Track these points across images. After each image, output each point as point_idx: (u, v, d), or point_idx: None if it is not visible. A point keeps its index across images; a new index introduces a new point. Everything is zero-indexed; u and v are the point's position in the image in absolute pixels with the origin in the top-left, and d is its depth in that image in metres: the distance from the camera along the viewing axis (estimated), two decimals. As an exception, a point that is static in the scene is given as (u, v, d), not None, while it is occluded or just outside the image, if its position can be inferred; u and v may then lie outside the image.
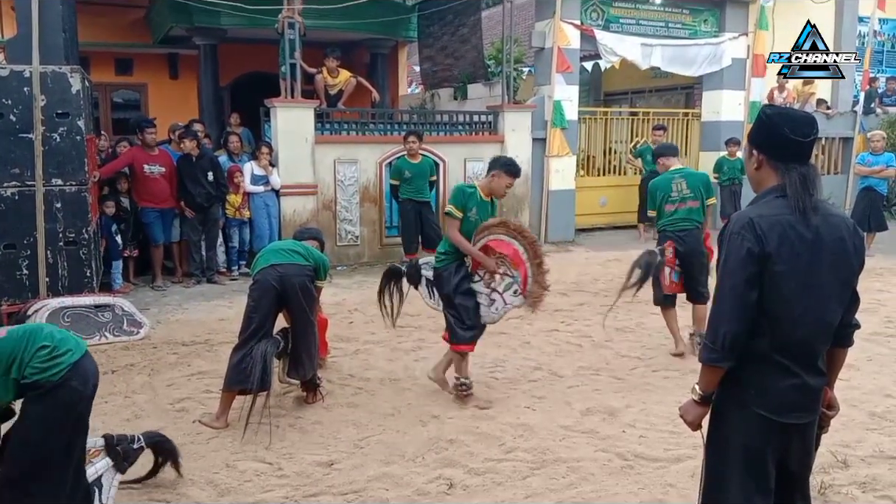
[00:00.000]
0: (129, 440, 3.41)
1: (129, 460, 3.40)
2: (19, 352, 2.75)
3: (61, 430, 2.80)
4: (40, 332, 2.87)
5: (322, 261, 4.83)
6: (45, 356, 2.77)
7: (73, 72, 6.47)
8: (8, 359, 2.73)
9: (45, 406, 2.75)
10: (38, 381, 2.73)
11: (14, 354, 2.74)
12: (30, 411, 2.76)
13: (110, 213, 7.82)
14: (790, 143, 2.29)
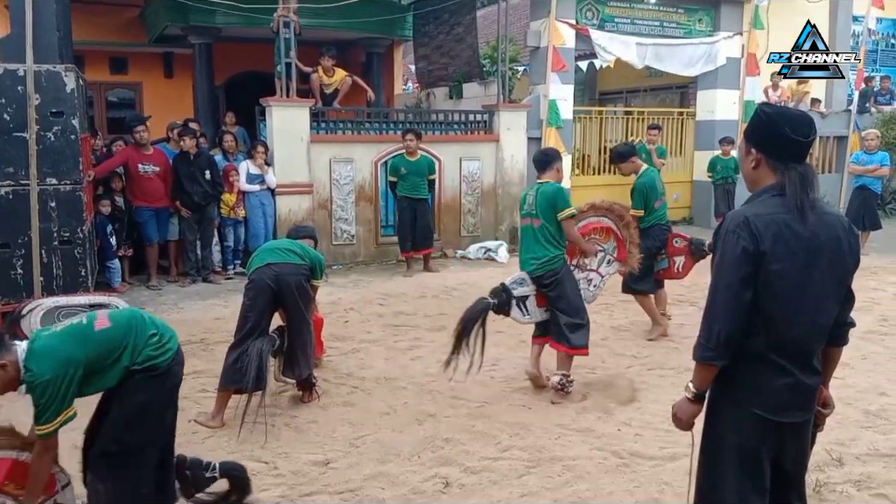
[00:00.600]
0: (203, 466, 3.32)
1: (198, 488, 3.31)
2: (130, 339, 2.90)
3: (162, 412, 3.00)
4: (143, 319, 3.03)
5: (318, 260, 4.83)
6: (156, 343, 2.96)
7: (68, 71, 6.46)
8: (119, 347, 2.87)
9: (154, 389, 2.93)
10: (149, 367, 2.90)
11: (125, 342, 2.89)
12: (138, 394, 2.90)
13: (106, 212, 7.81)
14: (790, 142, 2.29)
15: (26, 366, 2.76)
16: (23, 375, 2.77)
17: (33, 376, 2.74)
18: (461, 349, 4.70)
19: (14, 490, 2.87)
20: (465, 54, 12.18)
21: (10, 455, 2.89)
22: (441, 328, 6.67)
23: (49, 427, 2.78)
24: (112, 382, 2.91)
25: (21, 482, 2.89)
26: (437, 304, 7.52)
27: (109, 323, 2.94)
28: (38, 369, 2.73)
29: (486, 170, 10.53)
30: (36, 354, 2.76)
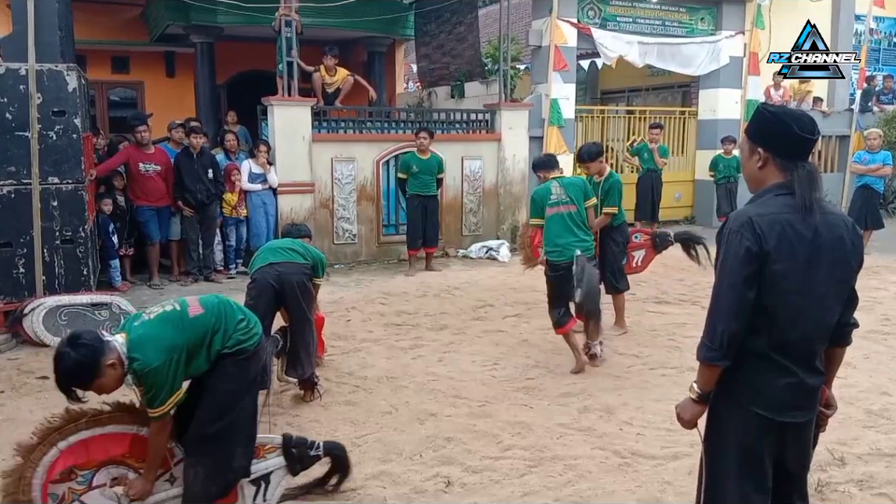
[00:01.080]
0: (308, 445, 3.43)
1: (304, 465, 3.43)
2: (221, 324, 3.06)
3: (251, 392, 3.15)
4: (231, 305, 3.19)
5: (320, 258, 4.84)
6: (244, 328, 3.12)
7: (70, 70, 6.46)
8: (211, 331, 3.02)
9: (244, 371, 3.09)
10: (239, 350, 3.06)
11: (217, 327, 3.04)
12: (230, 376, 3.05)
13: (108, 210, 7.82)
14: (799, 140, 2.28)
15: (131, 356, 2.83)
16: (128, 366, 2.84)
17: (142, 365, 2.82)
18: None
19: (134, 462, 3.06)
20: (467, 53, 12.18)
21: (129, 430, 3.06)
22: (443, 327, 6.68)
23: (162, 410, 2.89)
24: (205, 366, 3.04)
25: (140, 455, 3.05)
26: (438, 303, 7.52)
27: (202, 309, 3.07)
28: (144, 358, 2.82)
29: (487, 169, 10.53)
30: (138, 344, 2.85)
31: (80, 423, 2.97)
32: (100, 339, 2.83)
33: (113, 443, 3.05)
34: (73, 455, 2.95)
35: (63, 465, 2.92)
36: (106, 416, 3.02)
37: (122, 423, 3.05)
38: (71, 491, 2.95)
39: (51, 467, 2.88)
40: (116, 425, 3.04)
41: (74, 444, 2.95)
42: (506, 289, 8.18)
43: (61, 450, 2.92)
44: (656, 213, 11.48)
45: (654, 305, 7.43)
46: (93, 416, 2.98)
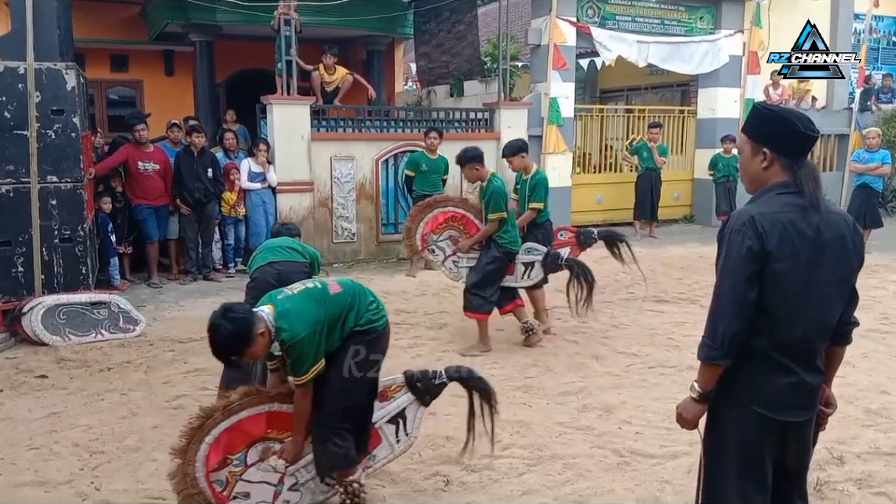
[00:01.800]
0: (431, 376, 3.57)
1: (431, 394, 3.59)
2: (356, 303, 3.32)
3: (378, 368, 3.39)
4: (363, 288, 3.45)
5: (315, 255, 4.86)
6: (374, 309, 3.38)
7: (68, 68, 6.46)
8: (347, 309, 3.28)
9: (373, 348, 3.34)
10: (369, 329, 3.32)
11: (351, 306, 3.30)
12: (361, 353, 3.31)
13: (108, 209, 7.81)
14: (804, 138, 2.29)
15: (278, 326, 3.06)
16: (275, 335, 3.07)
17: (290, 335, 3.06)
18: None
19: (276, 434, 3.34)
20: (466, 52, 12.17)
21: (263, 409, 3.32)
22: (441, 326, 6.68)
23: (306, 377, 3.14)
24: (338, 342, 3.27)
25: (279, 427, 3.33)
26: (437, 302, 7.52)
27: (341, 288, 3.34)
28: (291, 329, 3.06)
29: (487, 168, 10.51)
30: (285, 316, 3.08)
31: (216, 417, 3.20)
32: (250, 311, 3.07)
33: (251, 425, 3.30)
34: (221, 445, 3.22)
35: (216, 456, 3.20)
36: (236, 404, 3.25)
37: (252, 405, 3.30)
38: (231, 474, 3.27)
39: (206, 461, 3.18)
40: (249, 409, 3.28)
41: (218, 435, 3.21)
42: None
43: (209, 444, 3.19)
44: (655, 212, 11.50)
45: (653, 304, 7.44)
46: (225, 408, 3.23)
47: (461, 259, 6.19)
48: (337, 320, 3.25)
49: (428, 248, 6.22)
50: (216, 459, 3.21)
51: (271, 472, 3.35)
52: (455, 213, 6.22)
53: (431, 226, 6.20)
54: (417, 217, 6.26)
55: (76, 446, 4.15)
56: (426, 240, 6.21)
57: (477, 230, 6.05)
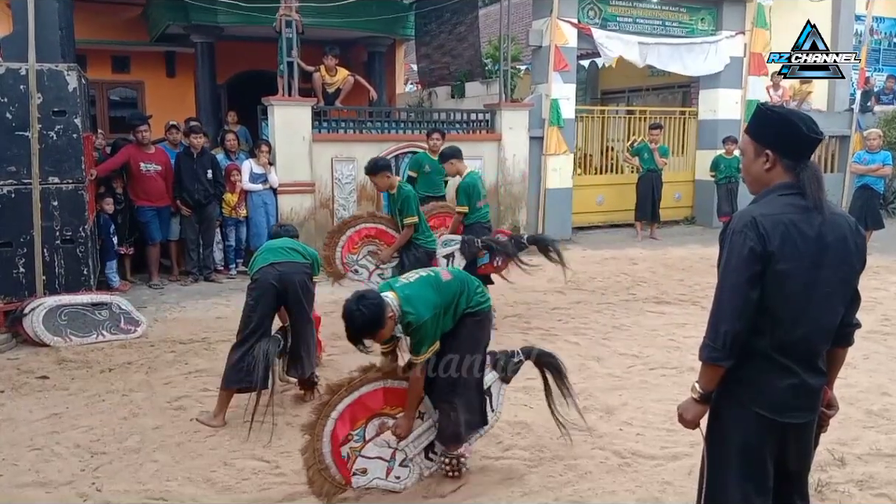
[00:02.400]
0: (509, 355, 3.92)
1: (510, 372, 3.91)
2: (465, 288, 3.66)
3: (485, 343, 3.77)
4: (469, 275, 3.86)
5: (315, 256, 4.87)
6: (481, 292, 3.74)
7: (70, 69, 6.46)
8: (458, 294, 3.62)
9: (481, 325, 3.72)
10: (477, 311, 3.67)
11: (462, 290, 3.65)
12: (471, 329, 3.67)
13: (110, 210, 7.81)
14: (808, 141, 2.29)
15: (405, 311, 3.42)
16: (400, 319, 3.42)
17: (416, 318, 3.42)
18: None
19: (389, 410, 3.67)
20: (467, 53, 12.17)
21: (380, 385, 3.65)
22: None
23: (424, 356, 3.50)
24: (451, 324, 3.61)
25: (392, 403, 3.67)
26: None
27: (450, 276, 3.72)
28: (417, 312, 3.42)
29: (487, 169, 10.53)
30: (410, 301, 3.44)
31: (341, 393, 3.52)
32: (380, 297, 3.39)
33: (370, 400, 3.63)
34: (346, 420, 3.52)
35: (341, 431, 3.50)
36: (357, 380, 3.60)
37: (370, 381, 3.62)
38: (352, 450, 3.55)
39: (333, 437, 3.47)
40: (367, 385, 3.61)
41: (343, 410, 3.52)
42: (505, 289, 8.16)
43: (335, 419, 3.49)
44: (657, 214, 11.50)
45: (654, 305, 7.43)
46: (349, 383, 3.55)
47: (385, 270, 6.29)
48: (450, 304, 3.58)
49: (350, 270, 6.25)
50: (343, 434, 3.51)
51: (385, 448, 3.63)
52: (368, 229, 6.30)
53: (348, 247, 6.25)
54: (332, 243, 6.25)
55: (77, 447, 4.16)
56: (346, 263, 6.23)
57: (393, 240, 6.19)
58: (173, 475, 3.83)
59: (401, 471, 3.66)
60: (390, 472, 3.62)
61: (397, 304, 3.41)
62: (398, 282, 3.61)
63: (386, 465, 3.62)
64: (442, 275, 3.70)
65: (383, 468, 3.61)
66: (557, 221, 11.28)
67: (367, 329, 3.35)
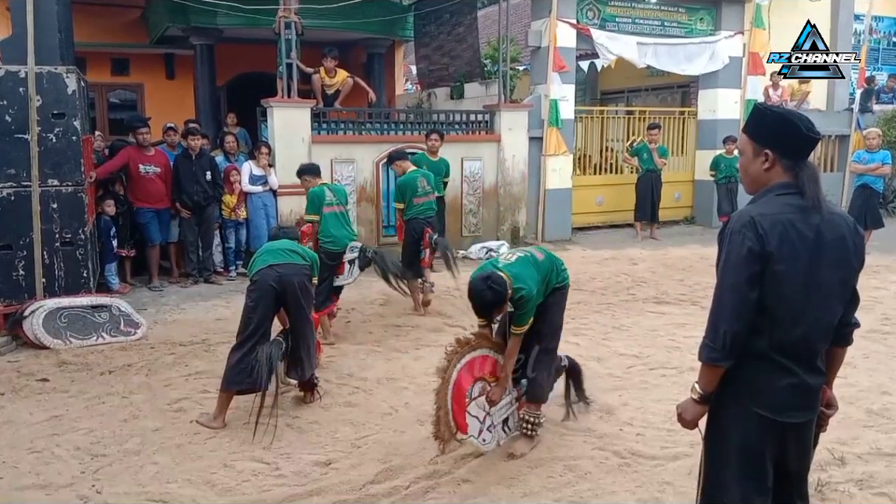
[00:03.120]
0: (559, 360, 4.49)
1: (556, 374, 4.49)
2: (554, 266, 4.16)
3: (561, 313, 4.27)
4: (554, 254, 4.30)
5: (315, 259, 4.87)
6: (564, 269, 4.25)
7: (69, 72, 6.46)
8: (549, 271, 4.09)
9: (565, 297, 4.24)
10: (564, 285, 4.20)
11: (552, 268, 4.13)
12: (559, 300, 4.19)
13: (111, 212, 7.80)
14: (806, 140, 2.29)
15: (516, 287, 3.84)
16: (512, 295, 3.84)
17: (526, 293, 3.87)
18: None
19: (489, 377, 4.07)
20: (467, 54, 12.17)
21: (486, 353, 4.06)
22: (442, 328, 6.68)
23: (525, 328, 3.96)
24: (542, 298, 4.03)
25: (490, 372, 4.08)
26: (438, 303, 7.51)
27: (542, 255, 4.17)
28: (527, 288, 3.87)
29: (487, 170, 10.54)
30: (519, 278, 3.88)
31: (465, 348, 3.95)
32: (503, 277, 3.83)
33: (480, 364, 4.02)
34: (465, 374, 3.90)
35: (465, 383, 3.90)
36: (475, 341, 4.02)
37: (482, 347, 4.04)
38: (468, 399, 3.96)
39: (457, 385, 3.86)
40: (481, 349, 4.03)
41: (464, 365, 3.91)
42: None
43: (459, 370, 3.87)
44: (656, 214, 11.50)
45: (654, 306, 7.43)
46: (468, 343, 3.98)
47: None
48: (544, 280, 4.04)
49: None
50: (467, 385, 3.91)
51: (481, 411, 4.01)
52: None
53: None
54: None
55: (77, 449, 4.16)
56: None
57: None
58: (173, 477, 3.83)
59: (486, 434, 4.05)
60: (480, 433, 4.00)
61: (509, 281, 3.83)
62: (500, 262, 4.02)
63: (479, 426, 4.00)
64: (536, 255, 4.15)
65: (477, 428, 3.98)
66: (557, 222, 11.29)
67: (495, 305, 3.85)
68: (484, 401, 4.02)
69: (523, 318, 3.92)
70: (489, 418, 4.06)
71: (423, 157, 9.07)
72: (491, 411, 4.06)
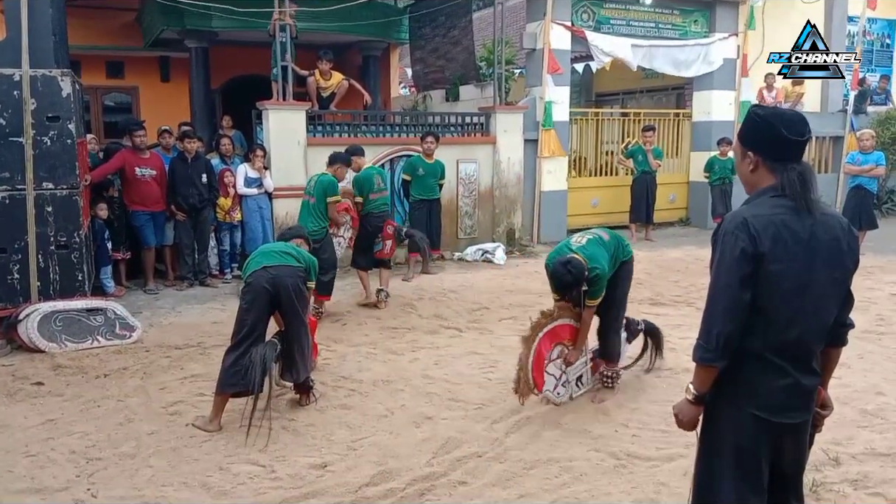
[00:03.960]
0: (635, 322, 5.26)
1: (633, 334, 5.29)
2: (619, 243, 4.82)
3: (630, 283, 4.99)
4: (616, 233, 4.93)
5: (312, 262, 4.86)
6: (627, 244, 4.90)
7: (64, 75, 6.45)
8: (615, 248, 4.74)
9: (630, 269, 4.92)
10: (629, 259, 4.88)
11: (617, 244, 4.79)
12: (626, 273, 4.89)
13: (104, 215, 7.78)
14: (787, 142, 2.29)
15: (591, 266, 4.44)
16: (589, 273, 4.45)
17: (601, 272, 4.51)
18: None
19: (566, 341, 4.79)
20: (462, 57, 12.19)
21: (565, 322, 4.73)
22: (438, 330, 6.68)
23: (596, 301, 4.65)
24: (610, 272, 4.63)
25: (569, 338, 4.80)
26: (434, 306, 7.52)
27: (608, 236, 4.79)
28: (602, 267, 4.51)
29: (482, 172, 10.54)
30: (593, 259, 4.50)
31: (547, 319, 4.61)
32: (580, 260, 4.45)
33: (561, 331, 4.73)
34: (546, 341, 4.61)
35: (545, 348, 4.60)
36: (556, 313, 4.68)
37: (562, 317, 4.70)
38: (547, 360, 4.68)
39: (538, 351, 4.55)
40: (560, 319, 4.69)
41: (545, 333, 4.60)
42: (501, 291, 8.19)
43: (540, 337, 4.56)
44: (651, 215, 11.52)
45: (650, 307, 7.44)
46: (551, 314, 4.65)
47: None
48: (612, 257, 4.64)
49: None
50: (546, 351, 4.61)
51: (558, 370, 4.76)
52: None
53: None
54: None
55: (73, 453, 4.15)
56: None
57: None
58: (169, 480, 3.82)
59: (560, 389, 4.81)
60: (556, 388, 4.76)
61: (585, 263, 4.43)
62: (573, 245, 4.64)
63: (556, 382, 4.76)
64: (603, 235, 4.76)
65: (554, 383, 4.75)
66: (553, 224, 11.30)
67: (574, 286, 4.45)
68: (561, 362, 4.74)
69: (597, 293, 4.59)
70: (564, 375, 4.81)
71: (418, 160, 9.08)
72: (567, 370, 4.80)
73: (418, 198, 9.09)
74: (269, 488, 3.75)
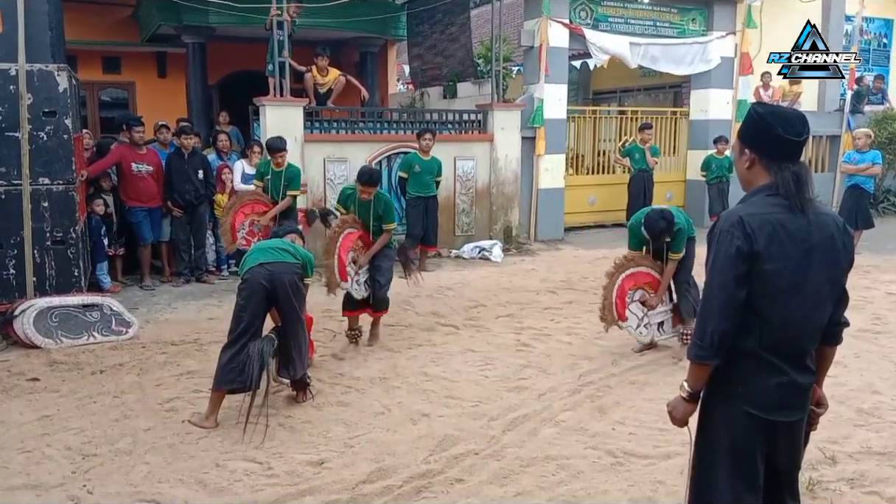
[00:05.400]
0: None
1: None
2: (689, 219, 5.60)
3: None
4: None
5: (308, 258, 4.84)
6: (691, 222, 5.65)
7: (60, 70, 6.43)
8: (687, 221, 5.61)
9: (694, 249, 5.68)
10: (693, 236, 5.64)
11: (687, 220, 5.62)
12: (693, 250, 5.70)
13: (100, 211, 7.76)
14: (783, 142, 2.29)
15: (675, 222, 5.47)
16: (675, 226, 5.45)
17: (682, 227, 5.50)
18: None
19: (648, 287, 5.69)
20: (459, 54, 12.18)
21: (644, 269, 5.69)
22: (435, 327, 6.68)
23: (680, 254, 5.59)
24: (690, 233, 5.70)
25: (653, 285, 5.69)
26: (431, 303, 7.52)
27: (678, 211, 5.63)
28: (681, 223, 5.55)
29: (480, 169, 10.54)
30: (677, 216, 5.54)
31: (627, 264, 5.58)
32: (671, 212, 5.44)
33: (642, 276, 5.61)
34: (628, 280, 5.54)
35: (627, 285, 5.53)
36: (638, 259, 5.61)
37: (642, 265, 5.62)
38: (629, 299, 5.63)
39: (620, 287, 5.52)
40: (642, 266, 5.62)
41: (626, 276, 5.55)
42: (498, 289, 8.19)
43: (622, 277, 5.53)
44: (648, 213, 11.51)
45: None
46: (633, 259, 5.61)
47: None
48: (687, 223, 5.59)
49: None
50: (628, 287, 5.49)
51: (640, 311, 5.63)
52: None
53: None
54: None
55: (68, 449, 4.14)
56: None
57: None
58: (165, 477, 3.81)
59: (643, 329, 5.67)
60: (638, 327, 5.63)
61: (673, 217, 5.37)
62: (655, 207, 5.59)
63: (637, 321, 5.62)
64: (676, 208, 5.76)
65: (636, 322, 5.62)
66: (550, 221, 11.30)
67: (666, 232, 5.35)
68: (642, 306, 5.57)
69: (679, 246, 5.50)
70: (646, 317, 5.65)
71: (415, 157, 9.07)
72: (648, 313, 5.63)
73: (415, 195, 9.09)
74: (266, 485, 3.74)
